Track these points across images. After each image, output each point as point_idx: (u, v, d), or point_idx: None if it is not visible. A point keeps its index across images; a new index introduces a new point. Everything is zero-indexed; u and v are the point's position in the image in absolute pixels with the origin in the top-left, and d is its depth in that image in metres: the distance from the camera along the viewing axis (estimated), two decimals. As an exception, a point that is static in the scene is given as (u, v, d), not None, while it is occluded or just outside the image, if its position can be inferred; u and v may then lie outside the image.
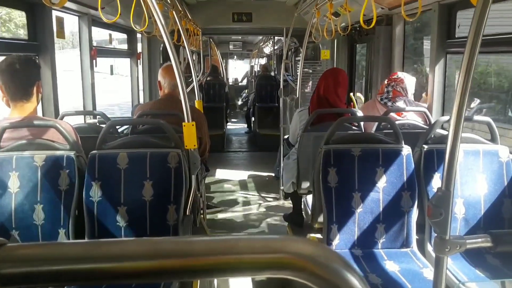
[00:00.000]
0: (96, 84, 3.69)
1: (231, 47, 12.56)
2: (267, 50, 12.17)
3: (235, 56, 15.67)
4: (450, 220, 1.30)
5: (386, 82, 3.19)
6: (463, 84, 1.27)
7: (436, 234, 2.01)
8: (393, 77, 3.18)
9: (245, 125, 9.63)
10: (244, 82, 15.34)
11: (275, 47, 9.56)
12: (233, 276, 0.45)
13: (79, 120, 3.40)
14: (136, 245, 0.45)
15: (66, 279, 0.44)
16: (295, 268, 0.43)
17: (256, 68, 14.27)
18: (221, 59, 13.19)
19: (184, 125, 2.35)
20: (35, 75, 2.18)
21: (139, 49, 5.12)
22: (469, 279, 1.89)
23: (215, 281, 2.95)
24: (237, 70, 18.03)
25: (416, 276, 1.97)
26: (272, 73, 9.33)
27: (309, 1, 4.58)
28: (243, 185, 5.43)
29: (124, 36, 4.87)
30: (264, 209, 4.55)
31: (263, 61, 14.50)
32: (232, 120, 11.37)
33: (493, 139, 2.32)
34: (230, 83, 14.31)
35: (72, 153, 2.15)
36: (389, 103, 3.08)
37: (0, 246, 0.44)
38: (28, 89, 2.14)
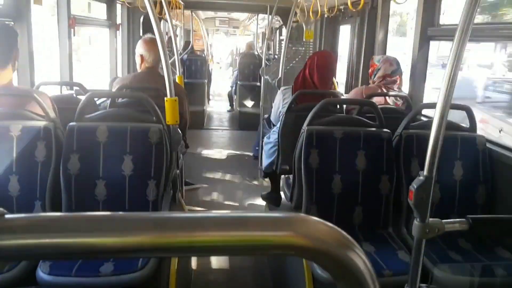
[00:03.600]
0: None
1: (217, 23, 12.34)
2: (253, 28, 12.02)
3: (221, 33, 15.44)
4: (430, 204, 1.33)
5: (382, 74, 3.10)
6: (451, 71, 1.28)
7: (412, 218, 2.06)
8: (382, 58, 3.13)
9: (228, 103, 9.57)
10: (229, 59, 15.18)
11: (260, 26, 9.43)
12: (237, 254, 0.44)
13: (55, 91, 3.30)
14: (141, 219, 0.43)
15: (54, 252, 0.43)
16: (302, 247, 0.42)
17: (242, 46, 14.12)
18: (206, 35, 12.97)
19: (167, 100, 2.31)
20: (12, 42, 2.08)
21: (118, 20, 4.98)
22: (441, 261, 1.96)
23: (192, 260, 2.96)
24: (222, 47, 17.73)
25: (392, 257, 2.02)
26: (256, 52, 9.23)
27: (295, -21, 4.53)
28: (221, 163, 5.42)
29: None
30: (242, 188, 4.56)
31: (249, 38, 14.35)
32: (216, 98, 11.27)
33: (471, 127, 2.37)
34: (216, 61, 14.15)
35: (49, 124, 2.09)
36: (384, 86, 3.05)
37: None
38: (4, 57, 2.05)
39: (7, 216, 0.42)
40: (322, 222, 0.45)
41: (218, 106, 9.91)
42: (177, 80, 3.56)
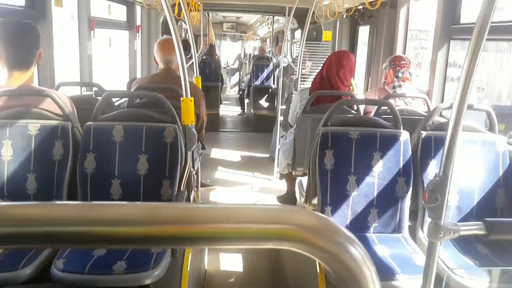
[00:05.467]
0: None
1: (224, 28, 12.39)
2: (262, 32, 12.01)
3: (228, 38, 15.46)
4: (445, 206, 1.30)
5: (391, 68, 3.03)
6: (467, 71, 1.25)
7: (429, 221, 2.01)
8: (400, 62, 3.02)
9: (238, 107, 9.58)
10: (236, 64, 15.21)
11: (272, 28, 9.43)
12: (233, 245, 0.44)
13: (75, 92, 3.36)
14: (135, 209, 0.43)
15: (59, 241, 0.43)
16: (298, 240, 0.41)
17: (249, 51, 14.14)
18: (215, 39, 13.04)
19: (183, 100, 2.32)
20: (37, 43, 2.13)
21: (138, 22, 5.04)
22: (458, 266, 1.91)
23: (206, 253, 2.97)
24: (229, 52, 17.80)
25: (407, 261, 1.98)
26: (268, 54, 9.24)
27: (313, -20, 4.51)
28: (237, 164, 5.43)
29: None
30: (258, 190, 4.55)
31: (256, 43, 14.35)
32: (224, 102, 11.32)
33: (491, 129, 2.31)
34: (223, 66, 14.24)
35: (67, 123, 2.12)
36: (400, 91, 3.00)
37: None
38: (29, 58, 2.09)
39: (1, 203, 0.42)
40: (317, 214, 0.44)
41: (228, 110, 9.93)
42: (194, 81, 3.58)
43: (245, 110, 8.97)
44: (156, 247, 1.80)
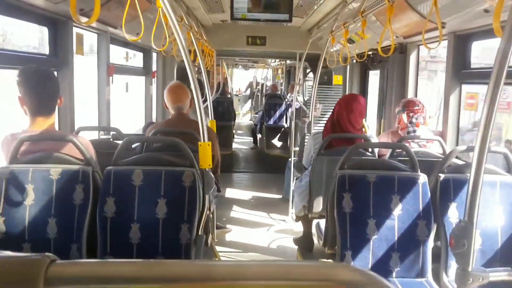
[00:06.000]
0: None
1: (236, 58, 12.65)
2: (274, 64, 12.20)
3: (240, 66, 15.68)
4: (473, 252, 1.28)
5: (405, 113, 3.04)
6: (487, 115, 1.27)
7: (453, 264, 1.97)
8: (414, 107, 3.04)
9: (250, 139, 9.60)
10: (248, 92, 15.38)
11: (285, 64, 9.63)
12: None
13: (93, 136, 3.43)
14: (187, 267, 0.44)
15: None
16: None
17: (260, 80, 14.29)
18: (226, 70, 13.26)
19: (200, 145, 2.35)
20: (57, 90, 2.21)
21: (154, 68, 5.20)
22: None
23: None
24: (240, 77, 18.02)
25: None
26: (279, 92, 9.36)
27: (323, 27, 4.65)
28: (251, 206, 5.40)
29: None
30: (273, 232, 4.50)
31: (268, 72, 14.51)
32: (238, 132, 11.34)
33: (510, 170, 2.30)
34: (234, 93, 14.39)
35: (88, 168, 2.16)
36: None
37: (51, 262, 0.43)
38: (51, 105, 2.17)
39: (58, 262, 0.43)
40: (366, 271, 0.45)
41: (240, 144, 9.91)
42: (209, 124, 3.64)
43: (258, 144, 8.95)
44: None
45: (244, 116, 14.48)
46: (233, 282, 0.43)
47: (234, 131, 9.23)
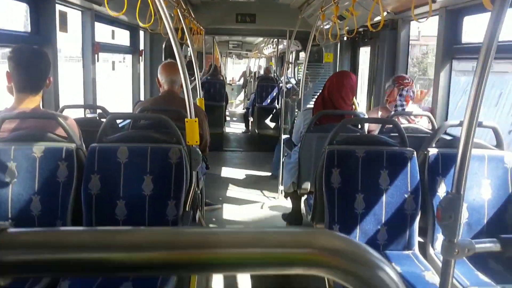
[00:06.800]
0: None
1: (230, 46, 12.53)
2: (267, 51, 12.15)
3: (234, 56, 15.60)
4: (459, 224, 1.27)
5: (395, 87, 3.02)
6: (476, 89, 1.25)
7: (440, 237, 1.98)
8: (403, 81, 3.02)
9: (243, 125, 9.59)
10: (241, 81, 15.32)
11: (277, 49, 9.54)
12: (257, 271, 0.42)
13: (79, 114, 3.37)
14: (153, 234, 0.41)
15: (71, 269, 0.41)
16: (326, 264, 0.39)
17: (254, 69, 14.26)
18: (220, 58, 13.14)
19: (187, 121, 2.32)
20: (48, 70, 2.15)
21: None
22: (472, 284, 1.87)
23: (213, 279, 2.91)
24: (235, 69, 18.04)
25: (418, 279, 1.94)
26: (273, 75, 9.28)
27: (313, 4, 4.57)
28: (241, 183, 5.40)
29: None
30: (262, 208, 4.52)
31: (261, 61, 14.47)
32: (231, 119, 11.33)
33: (498, 145, 2.30)
34: (228, 82, 14.34)
35: (71, 145, 2.11)
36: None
37: (2, 231, 0.40)
38: (39, 83, 2.11)
39: (10, 230, 0.40)
40: (348, 238, 0.42)
41: (233, 128, 9.93)
42: (197, 103, 3.59)
43: (249, 128, 8.95)
44: (176, 274, 1.75)
45: (238, 106, 14.44)
46: (201, 250, 0.40)
47: (227, 113, 9.16)
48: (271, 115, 8.22)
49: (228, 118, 11.33)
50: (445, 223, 1.29)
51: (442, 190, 2.19)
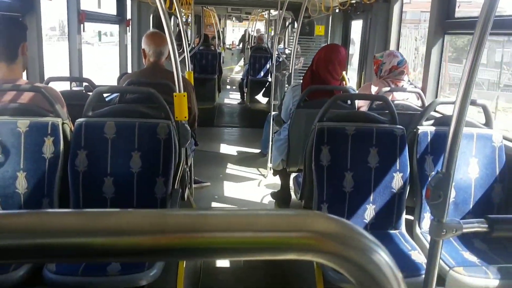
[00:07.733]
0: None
1: (229, 9, 12.24)
2: (266, 15, 11.84)
3: (234, 18, 15.11)
4: (448, 203, 1.28)
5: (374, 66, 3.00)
6: (470, 66, 1.23)
7: (427, 217, 1.99)
8: (385, 53, 3.00)
9: (239, 95, 9.44)
10: (241, 46, 14.98)
11: (272, 15, 9.30)
12: (248, 257, 0.40)
13: (64, 87, 3.29)
14: (139, 217, 0.39)
15: (55, 254, 0.38)
16: (320, 249, 0.38)
17: (252, 33, 13.93)
18: (218, 22, 12.75)
19: (175, 96, 2.27)
20: (20, 36, 2.07)
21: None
22: (457, 264, 1.89)
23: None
24: (234, 32, 17.50)
25: (405, 258, 1.96)
26: (266, 45, 9.07)
27: (306, -27, 4.46)
28: (230, 160, 5.38)
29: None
30: (251, 186, 4.52)
31: (261, 25, 14.05)
32: (229, 87, 11.07)
33: (487, 123, 2.30)
34: (227, 47, 13.99)
35: (57, 120, 2.06)
36: (391, 79, 2.94)
37: None
38: (12, 51, 2.03)
39: None
40: (343, 221, 0.40)
41: (230, 98, 9.71)
42: (186, 76, 3.52)
43: (245, 100, 8.82)
44: (163, 260, 1.75)
45: (238, 73, 14.14)
46: (189, 234, 0.38)
47: (219, 85, 8.98)
48: (264, 89, 8.07)
49: (228, 87, 11.12)
50: (434, 203, 1.30)
51: (430, 169, 2.20)
